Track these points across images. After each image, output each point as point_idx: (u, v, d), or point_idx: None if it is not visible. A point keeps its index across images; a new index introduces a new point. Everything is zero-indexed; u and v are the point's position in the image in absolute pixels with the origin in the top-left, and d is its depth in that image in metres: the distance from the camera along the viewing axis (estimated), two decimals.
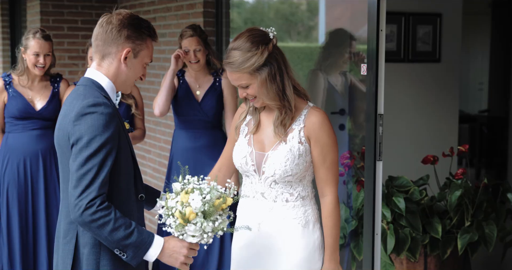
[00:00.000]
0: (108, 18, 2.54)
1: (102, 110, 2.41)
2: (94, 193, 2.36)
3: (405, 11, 5.96)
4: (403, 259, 4.45)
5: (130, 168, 2.55)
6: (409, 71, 6.01)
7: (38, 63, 4.60)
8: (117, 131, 2.44)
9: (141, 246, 2.41)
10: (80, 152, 2.39)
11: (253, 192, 2.92)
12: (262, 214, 2.88)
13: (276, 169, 2.85)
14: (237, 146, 2.94)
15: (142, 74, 2.62)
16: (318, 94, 4.96)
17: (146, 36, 2.55)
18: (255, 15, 7.94)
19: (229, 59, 2.79)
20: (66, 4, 7.12)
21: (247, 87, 2.81)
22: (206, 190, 2.48)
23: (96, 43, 2.54)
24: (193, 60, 4.66)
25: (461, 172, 4.57)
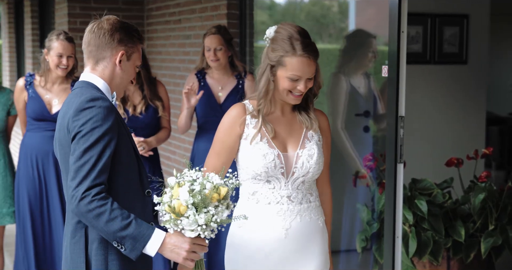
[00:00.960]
0: (98, 23, 2.58)
1: (100, 104, 2.44)
2: (90, 183, 2.36)
3: (431, 12, 5.91)
4: (426, 262, 4.42)
5: (133, 163, 2.55)
6: (435, 73, 5.96)
7: (61, 64, 4.64)
8: (115, 124, 2.46)
9: (139, 238, 2.38)
10: (78, 144, 2.41)
11: (277, 198, 2.80)
12: (289, 219, 2.81)
13: (310, 168, 2.81)
14: (257, 151, 2.77)
15: (133, 77, 2.67)
16: (340, 97, 4.94)
17: (136, 39, 2.61)
18: (286, 17, 7.93)
19: (312, 46, 2.74)
20: (93, 7, 7.19)
21: (310, 79, 2.77)
22: (198, 181, 2.42)
23: (88, 49, 2.58)
24: (212, 59, 4.66)
25: (485, 175, 4.53)
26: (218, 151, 2.83)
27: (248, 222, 2.80)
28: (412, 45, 5.96)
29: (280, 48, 2.73)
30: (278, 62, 2.74)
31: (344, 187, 5.14)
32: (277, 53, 2.73)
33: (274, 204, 2.79)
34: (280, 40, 2.74)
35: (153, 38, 7.19)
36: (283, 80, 2.74)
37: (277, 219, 2.79)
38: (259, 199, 2.81)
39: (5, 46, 11.62)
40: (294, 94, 2.76)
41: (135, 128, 4.57)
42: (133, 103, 4.62)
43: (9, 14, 11.27)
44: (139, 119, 4.61)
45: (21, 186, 4.77)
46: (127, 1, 7.30)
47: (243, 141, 2.80)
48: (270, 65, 2.76)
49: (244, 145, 2.80)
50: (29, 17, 9.47)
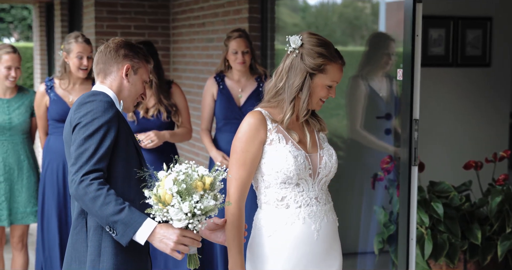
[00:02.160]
0: (104, 45, 2.77)
1: (101, 98, 2.59)
2: (89, 168, 2.47)
3: (454, 15, 5.91)
4: (443, 264, 4.43)
5: (134, 157, 2.65)
6: (458, 75, 5.95)
7: (82, 66, 4.74)
8: (116, 117, 2.58)
9: (130, 224, 2.45)
10: (78, 134, 2.53)
11: (307, 200, 2.81)
12: (319, 220, 2.83)
13: (332, 167, 2.86)
14: (287, 154, 2.76)
15: (142, 93, 2.80)
16: (359, 100, 4.96)
17: (142, 56, 2.77)
18: (319, 19, 7.93)
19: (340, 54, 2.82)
20: (120, 10, 7.30)
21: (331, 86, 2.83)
22: (183, 171, 2.47)
23: (98, 67, 2.76)
24: (240, 61, 4.73)
25: (502, 178, 4.53)
26: (243, 162, 2.77)
27: (279, 229, 2.80)
28: (435, 48, 5.97)
29: (319, 56, 2.76)
30: (319, 70, 2.76)
31: (363, 189, 5.16)
32: (318, 61, 2.76)
33: (305, 206, 2.81)
34: (320, 47, 2.78)
35: (178, 41, 7.29)
36: (321, 88, 2.78)
37: (309, 221, 2.81)
38: (289, 204, 2.80)
39: (36, 48, 11.82)
40: (322, 100, 2.83)
41: (145, 130, 4.65)
42: (146, 106, 4.69)
43: (40, 18, 11.47)
44: (150, 121, 4.69)
45: (47, 187, 4.88)
46: (153, 5, 7.40)
47: (268, 146, 2.78)
48: (308, 72, 2.77)
49: (269, 150, 2.78)
50: (59, 21, 9.64)
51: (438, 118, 5.76)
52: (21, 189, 4.94)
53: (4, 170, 4.90)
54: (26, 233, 5.12)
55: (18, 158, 4.94)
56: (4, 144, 4.92)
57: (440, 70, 5.89)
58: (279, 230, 2.80)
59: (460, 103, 5.92)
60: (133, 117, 4.65)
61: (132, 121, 4.65)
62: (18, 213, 4.95)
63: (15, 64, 4.90)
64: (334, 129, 6.02)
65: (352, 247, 5.26)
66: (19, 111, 4.94)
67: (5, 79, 4.89)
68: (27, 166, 4.97)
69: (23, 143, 4.97)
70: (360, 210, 5.15)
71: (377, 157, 5.02)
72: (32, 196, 4.97)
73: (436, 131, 5.79)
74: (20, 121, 4.93)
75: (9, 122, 4.90)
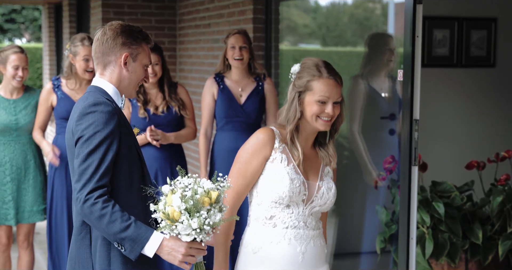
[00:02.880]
0: (102, 31, 2.72)
1: (102, 109, 2.57)
2: (93, 185, 2.49)
3: (458, 16, 5.92)
4: (444, 264, 4.45)
5: (136, 162, 2.67)
6: (462, 76, 5.96)
7: (88, 68, 4.80)
8: (117, 126, 2.58)
9: (137, 240, 2.48)
10: (81, 148, 2.54)
11: (295, 222, 2.87)
12: (305, 243, 2.89)
13: (328, 199, 2.92)
14: (284, 175, 2.83)
15: (145, 77, 2.77)
16: (358, 100, 4.99)
17: (140, 40, 2.72)
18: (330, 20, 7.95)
19: (336, 72, 2.86)
20: (127, 11, 7.36)
21: (337, 103, 2.85)
22: (189, 186, 2.49)
23: (96, 56, 2.72)
24: (238, 56, 4.79)
25: (504, 178, 4.55)
26: (243, 173, 2.85)
27: (265, 246, 2.87)
28: (439, 48, 5.98)
29: (306, 75, 2.83)
30: (305, 87, 2.82)
31: (366, 189, 5.19)
32: (304, 79, 2.82)
33: (292, 228, 2.87)
34: (306, 68, 2.84)
35: (184, 42, 7.33)
36: (311, 105, 2.82)
37: (295, 243, 2.87)
38: (276, 224, 2.86)
39: (45, 49, 11.90)
40: (322, 119, 2.83)
41: (157, 127, 4.72)
42: (155, 104, 4.77)
43: (49, 19, 11.55)
44: (160, 117, 4.78)
45: (56, 186, 4.94)
46: (160, 6, 7.45)
47: (270, 164, 2.85)
48: (297, 92, 2.84)
49: (270, 168, 2.85)
50: (67, 22, 9.72)
51: (442, 118, 5.77)
52: (28, 188, 5.00)
53: (11, 170, 4.96)
54: (32, 232, 5.18)
55: (25, 158, 5.00)
56: (11, 144, 4.97)
57: (444, 71, 5.90)
58: (265, 247, 2.86)
59: (464, 103, 5.93)
60: (145, 114, 4.75)
61: (143, 117, 4.75)
62: (25, 212, 5.01)
63: (22, 64, 4.95)
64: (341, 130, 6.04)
65: (354, 247, 5.29)
66: (25, 111, 5.00)
67: (12, 79, 4.94)
68: (33, 165, 5.03)
69: (29, 143, 5.02)
70: (363, 210, 5.18)
71: (380, 157, 5.05)
72: (39, 195, 5.03)
73: (440, 132, 5.81)
74: (26, 122, 4.98)
75: (15, 122, 4.95)
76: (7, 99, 4.99)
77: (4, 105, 4.96)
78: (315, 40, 9.25)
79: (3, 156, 4.96)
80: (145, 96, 4.77)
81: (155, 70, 4.72)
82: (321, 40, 8.91)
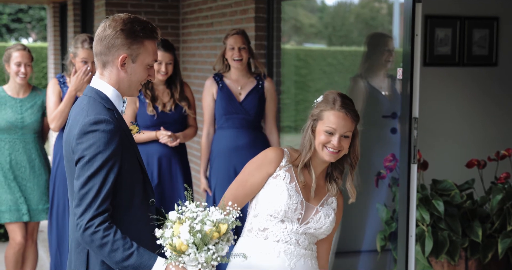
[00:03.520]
0: (103, 26, 2.57)
1: (103, 128, 2.46)
2: (94, 212, 2.40)
3: (460, 15, 5.93)
4: (444, 262, 4.47)
5: (137, 175, 2.59)
6: (464, 75, 5.97)
7: (86, 70, 4.83)
8: (119, 145, 2.48)
9: (140, 268, 2.42)
10: (82, 171, 2.44)
11: (287, 238, 2.95)
12: (295, 259, 2.95)
13: (324, 225, 2.98)
14: (283, 190, 2.93)
15: (148, 75, 2.62)
16: (358, 100, 5.02)
17: (142, 38, 2.56)
18: (336, 19, 7.96)
19: (351, 107, 2.95)
20: (130, 10, 7.38)
21: (347, 137, 2.93)
22: (198, 218, 2.42)
23: (95, 51, 2.59)
24: (237, 57, 4.82)
25: (504, 176, 4.56)
26: (244, 183, 2.97)
27: (254, 256, 2.93)
28: (441, 47, 6.00)
29: (322, 105, 2.96)
30: (318, 117, 2.94)
31: (367, 187, 5.20)
32: (318, 109, 2.95)
33: (283, 242, 2.95)
34: (325, 100, 2.97)
35: (187, 41, 7.36)
36: (319, 133, 2.93)
37: (284, 257, 2.94)
38: (268, 236, 2.95)
39: (50, 48, 11.94)
40: (328, 149, 2.91)
41: (164, 124, 4.77)
42: (163, 101, 4.82)
43: (54, 18, 11.59)
44: (168, 115, 4.83)
45: (57, 182, 4.97)
46: (163, 5, 7.48)
47: (272, 179, 2.96)
48: (312, 120, 2.97)
49: (272, 183, 2.95)
50: (71, 21, 9.75)
51: (444, 117, 5.78)
52: (33, 186, 5.05)
53: (16, 168, 5.01)
54: (37, 230, 5.23)
55: (29, 157, 5.05)
56: (16, 143, 5.02)
57: (446, 70, 5.91)
58: (254, 257, 2.93)
59: (466, 102, 5.94)
60: (153, 111, 4.79)
61: (152, 115, 4.79)
62: (31, 211, 5.05)
63: (25, 61, 5.00)
64: None
65: (356, 245, 5.31)
66: (31, 110, 5.05)
67: (15, 76, 4.99)
68: (38, 164, 5.08)
69: (34, 142, 5.07)
70: (364, 209, 5.19)
71: (382, 156, 5.07)
72: (44, 193, 5.08)
73: (442, 130, 5.82)
74: (32, 121, 5.03)
75: (21, 121, 5.00)
76: (14, 98, 5.05)
77: (10, 104, 5.02)
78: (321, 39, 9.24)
79: (8, 154, 5.00)
80: (153, 92, 4.81)
81: (168, 69, 4.77)
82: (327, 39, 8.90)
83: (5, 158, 5.00)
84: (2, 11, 21.69)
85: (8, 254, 5.11)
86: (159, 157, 4.81)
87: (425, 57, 5.80)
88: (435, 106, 5.74)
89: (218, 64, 4.99)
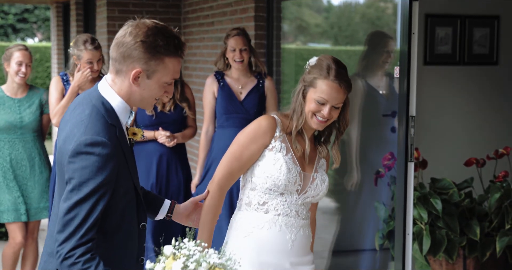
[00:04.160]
0: (124, 32, 2.35)
1: (99, 151, 2.25)
2: (76, 242, 2.21)
3: (461, 13, 5.93)
4: (442, 260, 4.47)
5: (131, 200, 2.43)
6: (465, 74, 5.97)
7: (93, 69, 4.85)
8: (114, 171, 2.28)
9: None
10: (70, 194, 2.24)
11: (287, 210, 2.92)
12: (295, 231, 2.94)
13: (321, 191, 2.97)
14: (282, 164, 2.87)
15: (164, 92, 2.43)
16: (356, 99, 5.02)
17: (162, 55, 2.33)
18: (342, 19, 7.97)
19: (344, 77, 2.90)
20: (132, 10, 7.41)
21: (337, 108, 2.89)
22: (194, 257, 2.23)
23: (111, 55, 2.40)
24: (239, 59, 4.84)
25: (502, 174, 4.56)
26: (239, 156, 2.88)
27: (255, 231, 2.90)
28: (442, 46, 5.99)
29: (316, 71, 2.87)
30: (310, 83, 2.87)
31: (366, 186, 5.21)
32: (311, 75, 2.87)
33: (284, 215, 2.92)
34: (319, 65, 2.88)
35: (188, 40, 7.38)
36: (310, 101, 2.87)
37: (285, 230, 2.92)
38: (268, 210, 2.91)
39: (54, 48, 11.98)
40: (317, 118, 2.88)
41: (162, 124, 4.79)
42: (163, 101, 4.84)
43: (57, 18, 11.63)
44: (167, 115, 4.86)
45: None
46: (164, 5, 7.50)
47: (268, 151, 2.89)
48: (303, 86, 2.91)
49: (267, 155, 2.89)
50: (74, 20, 9.79)
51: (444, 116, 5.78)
52: (33, 185, 5.07)
53: (16, 167, 5.03)
54: (37, 229, 5.25)
55: (29, 156, 5.07)
56: (15, 142, 5.05)
57: (447, 69, 5.91)
58: (255, 232, 2.90)
59: (466, 101, 5.93)
60: (152, 111, 4.82)
61: (150, 115, 4.81)
62: (32, 209, 5.07)
63: (26, 61, 5.02)
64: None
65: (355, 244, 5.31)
66: (30, 110, 5.07)
67: (15, 75, 5.01)
68: (38, 163, 5.10)
69: (34, 141, 5.09)
70: (363, 207, 5.20)
71: (382, 155, 5.07)
72: (44, 191, 5.10)
73: (442, 129, 5.82)
74: (30, 120, 5.05)
75: (20, 121, 5.03)
76: (12, 98, 5.07)
77: (9, 104, 5.04)
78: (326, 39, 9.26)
79: (8, 154, 5.02)
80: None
81: None
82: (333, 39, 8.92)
83: (5, 157, 5.02)
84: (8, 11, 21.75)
85: (6, 253, 5.12)
86: (157, 156, 4.84)
87: (425, 56, 5.80)
88: (435, 105, 5.74)
89: (219, 63, 5.01)
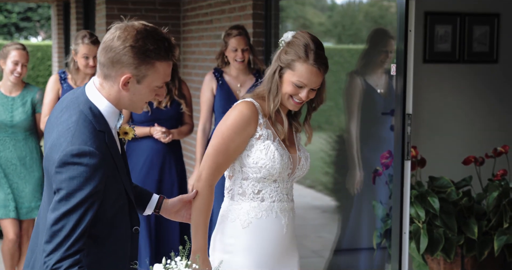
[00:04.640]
0: (112, 35, 2.27)
1: (87, 162, 2.19)
2: (64, 253, 2.17)
3: (460, 11, 5.90)
4: (440, 259, 4.45)
5: (123, 206, 2.38)
6: (464, 72, 5.95)
7: (88, 65, 4.87)
8: (102, 180, 2.23)
9: None
10: (58, 205, 2.19)
11: (280, 195, 2.88)
12: (287, 215, 2.91)
13: (306, 169, 2.93)
14: (274, 151, 2.79)
15: (156, 95, 2.36)
16: (354, 96, 5.00)
17: (153, 59, 2.27)
18: (345, 18, 7.96)
19: (323, 59, 2.79)
20: (131, 8, 7.39)
21: (314, 90, 2.82)
22: None
23: (99, 59, 2.33)
24: (240, 59, 4.82)
25: (501, 173, 4.54)
26: (225, 149, 2.78)
27: (254, 221, 2.85)
28: (441, 44, 5.96)
29: (293, 52, 2.76)
30: (288, 65, 2.76)
31: (364, 184, 5.19)
32: (289, 57, 2.76)
33: (278, 201, 2.88)
34: (296, 45, 2.76)
35: (188, 38, 7.36)
36: (287, 83, 2.78)
37: (280, 216, 2.88)
38: (264, 198, 2.85)
39: (54, 46, 11.98)
40: (294, 100, 2.81)
41: (158, 120, 4.77)
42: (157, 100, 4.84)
43: (58, 16, 11.63)
44: (163, 111, 4.86)
45: None
46: (164, 3, 7.48)
47: (255, 140, 2.80)
48: (280, 66, 2.79)
49: (256, 144, 2.80)
50: (74, 18, 9.79)
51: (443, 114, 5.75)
52: (24, 184, 5.06)
53: (6, 166, 5.02)
54: (32, 227, 5.23)
55: (20, 155, 5.06)
56: (6, 141, 5.04)
57: (446, 67, 5.88)
58: (254, 222, 2.85)
59: (466, 99, 5.91)
60: (147, 107, 4.80)
61: (146, 111, 4.82)
62: (23, 208, 5.07)
63: (22, 61, 5.02)
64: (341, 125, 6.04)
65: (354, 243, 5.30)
66: (22, 109, 5.05)
67: (10, 74, 5.00)
68: (29, 162, 5.08)
69: (25, 140, 5.08)
70: (361, 206, 5.18)
71: (379, 152, 5.05)
72: (36, 190, 5.08)
73: (441, 127, 5.79)
74: (21, 120, 5.04)
75: (10, 120, 5.02)
76: (6, 96, 5.06)
77: (2, 102, 5.04)
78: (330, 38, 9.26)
79: None
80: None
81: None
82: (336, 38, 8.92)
83: None
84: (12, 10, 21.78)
85: (3, 250, 5.15)
86: (152, 152, 4.83)
87: (425, 54, 5.77)
88: (434, 103, 5.72)
89: (218, 60, 4.99)
